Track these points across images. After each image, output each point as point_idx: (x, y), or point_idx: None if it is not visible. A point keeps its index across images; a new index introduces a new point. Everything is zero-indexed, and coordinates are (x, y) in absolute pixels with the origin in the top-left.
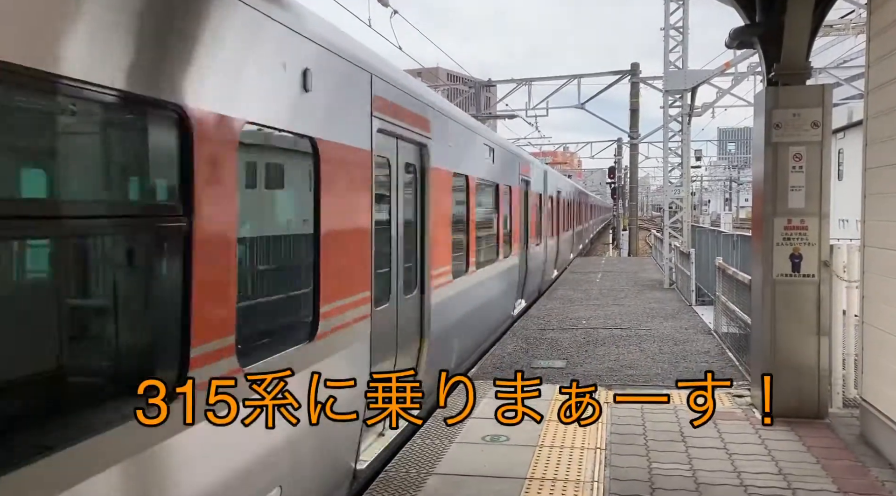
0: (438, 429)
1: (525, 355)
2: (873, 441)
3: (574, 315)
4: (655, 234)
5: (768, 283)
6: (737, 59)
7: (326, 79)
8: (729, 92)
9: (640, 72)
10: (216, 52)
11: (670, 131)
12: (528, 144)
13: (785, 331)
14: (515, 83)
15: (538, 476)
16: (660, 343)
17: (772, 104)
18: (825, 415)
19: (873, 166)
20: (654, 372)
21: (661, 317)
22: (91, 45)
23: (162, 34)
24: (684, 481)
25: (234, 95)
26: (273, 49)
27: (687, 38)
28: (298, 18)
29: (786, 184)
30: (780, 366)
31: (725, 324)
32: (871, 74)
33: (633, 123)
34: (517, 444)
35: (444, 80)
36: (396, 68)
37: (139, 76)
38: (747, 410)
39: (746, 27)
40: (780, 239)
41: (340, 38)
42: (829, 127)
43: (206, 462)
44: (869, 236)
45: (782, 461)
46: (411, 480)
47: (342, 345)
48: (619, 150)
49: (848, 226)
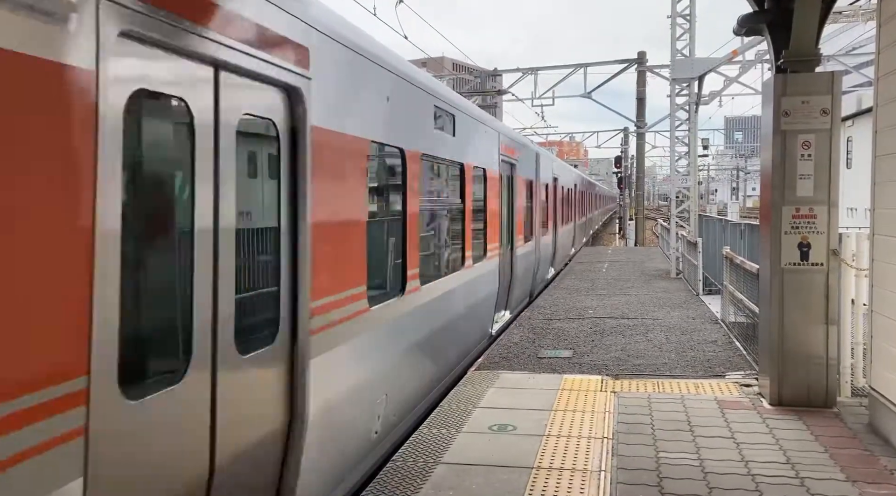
0: (446, 418)
1: (531, 345)
2: (882, 430)
3: (580, 305)
4: (662, 224)
5: (776, 272)
6: (744, 47)
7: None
8: (736, 80)
9: (647, 60)
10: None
11: (677, 120)
12: (533, 134)
13: (793, 320)
14: (521, 72)
15: (545, 465)
16: (667, 332)
17: (780, 92)
18: (833, 404)
19: (883, 154)
20: (662, 361)
21: (668, 306)
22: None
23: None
24: (692, 470)
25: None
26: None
27: (694, 25)
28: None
29: (794, 172)
30: (788, 356)
31: (733, 313)
32: (880, 61)
33: (640, 112)
34: (524, 434)
35: (449, 69)
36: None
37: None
38: (755, 399)
39: (755, 14)
40: (788, 227)
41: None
42: (839, 114)
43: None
44: (878, 224)
45: (790, 450)
46: (419, 469)
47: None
48: (625, 140)
49: (857, 214)
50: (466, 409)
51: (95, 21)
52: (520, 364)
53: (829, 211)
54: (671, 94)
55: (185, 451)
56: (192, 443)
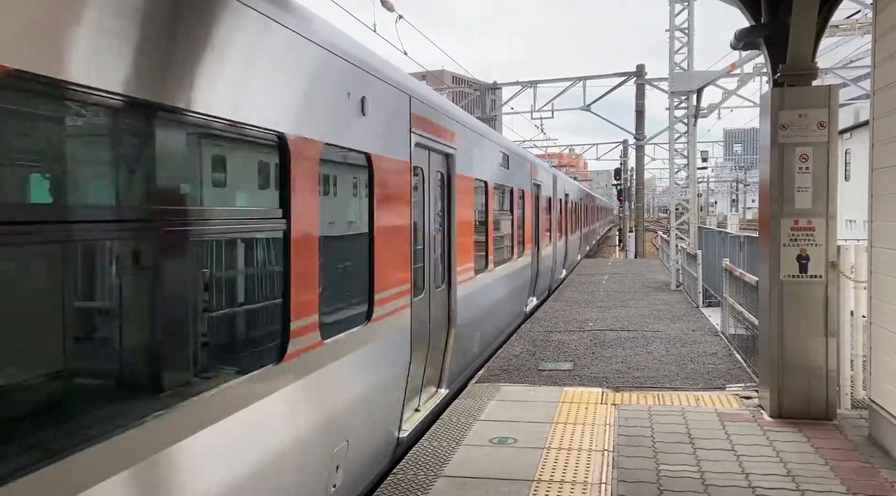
0: (446, 431)
1: (532, 357)
2: (882, 442)
3: (581, 317)
4: (662, 236)
5: (775, 284)
6: (743, 60)
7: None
8: (735, 93)
9: (646, 73)
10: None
11: (676, 132)
12: (533, 146)
13: (792, 332)
14: (520, 85)
15: (545, 478)
16: (667, 345)
17: (778, 105)
18: (833, 416)
19: (880, 166)
20: (662, 374)
21: (669, 318)
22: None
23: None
24: (692, 483)
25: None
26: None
27: (692, 39)
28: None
29: (792, 184)
30: (787, 368)
31: (733, 325)
32: (876, 75)
33: (639, 125)
34: (524, 446)
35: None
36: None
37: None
38: (755, 412)
39: (752, 28)
40: (786, 240)
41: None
42: (836, 127)
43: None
44: (876, 237)
45: (790, 462)
46: (419, 483)
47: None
48: (624, 152)
49: (855, 226)
50: (467, 422)
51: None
52: (520, 376)
53: (828, 223)
54: (670, 106)
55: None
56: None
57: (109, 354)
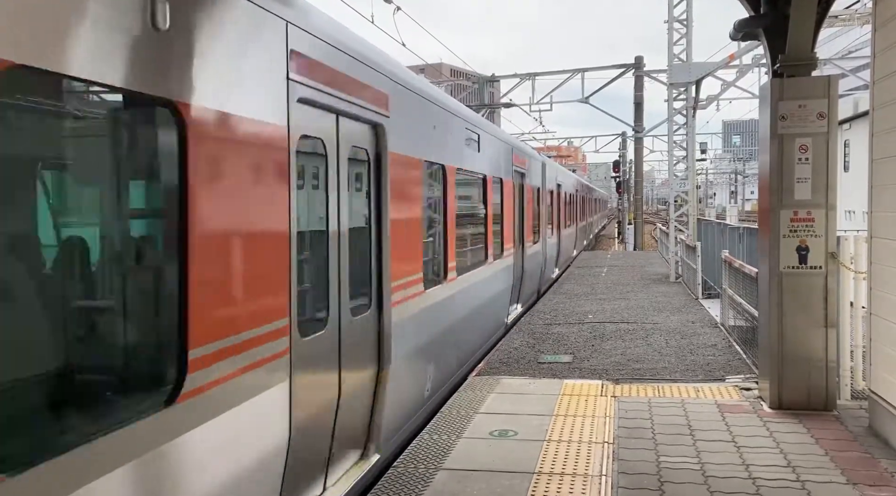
0: (446, 424)
1: (531, 350)
2: (882, 432)
3: (580, 309)
4: (661, 228)
5: (775, 276)
6: (742, 51)
7: None
8: (734, 84)
9: (645, 65)
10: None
11: (675, 124)
12: (532, 139)
13: (792, 323)
14: (519, 78)
15: (546, 470)
16: (666, 337)
17: (777, 96)
18: (833, 407)
19: (879, 158)
20: (661, 366)
21: (668, 310)
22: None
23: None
24: (693, 474)
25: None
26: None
27: (691, 30)
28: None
29: (792, 175)
30: (787, 359)
31: (732, 317)
32: (876, 65)
33: (638, 117)
34: (525, 439)
35: (447, 75)
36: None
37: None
38: (755, 403)
39: (751, 18)
40: (786, 231)
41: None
42: (835, 118)
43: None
44: (876, 227)
45: (791, 453)
46: (419, 475)
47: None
48: (623, 144)
49: (855, 217)
50: (467, 415)
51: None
52: (520, 369)
53: (827, 214)
54: (669, 98)
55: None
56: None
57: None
